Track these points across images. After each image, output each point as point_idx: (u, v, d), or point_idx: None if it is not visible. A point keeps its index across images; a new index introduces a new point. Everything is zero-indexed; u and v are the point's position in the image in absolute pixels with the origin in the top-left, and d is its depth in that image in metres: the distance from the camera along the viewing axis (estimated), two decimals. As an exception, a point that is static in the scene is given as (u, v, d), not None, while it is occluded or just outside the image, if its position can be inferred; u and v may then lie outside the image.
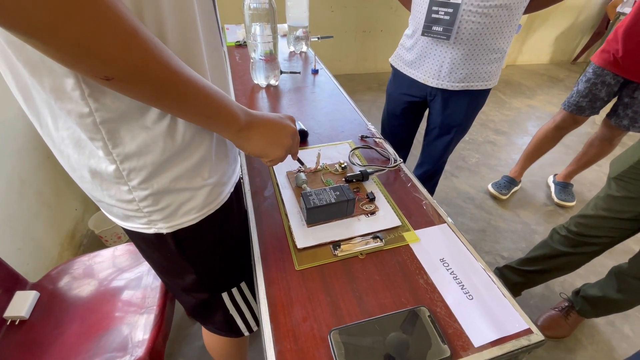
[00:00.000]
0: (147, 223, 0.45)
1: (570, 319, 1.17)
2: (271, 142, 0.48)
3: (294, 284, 0.50)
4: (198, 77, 0.35)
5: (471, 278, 0.53)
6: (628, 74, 1.32)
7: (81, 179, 0.42)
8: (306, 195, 0.58)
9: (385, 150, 0.80)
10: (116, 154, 0.37)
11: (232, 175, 0.53)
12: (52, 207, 1.28)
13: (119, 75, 0.28)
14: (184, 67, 0.33)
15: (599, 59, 1.38)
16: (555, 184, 1.89)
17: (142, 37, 0.28)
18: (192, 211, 0.46)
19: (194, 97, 0.35)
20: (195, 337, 1.13)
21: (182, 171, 0.42)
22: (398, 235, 0.59)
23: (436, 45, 0.97)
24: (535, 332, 0.47)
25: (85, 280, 0.88)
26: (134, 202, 0.42)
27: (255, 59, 1.04)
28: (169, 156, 0.40)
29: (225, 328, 0.68)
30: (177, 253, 0.50)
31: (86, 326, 0.78)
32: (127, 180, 0.40)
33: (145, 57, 0.28)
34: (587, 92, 1.45)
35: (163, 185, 0.41)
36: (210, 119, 0.39)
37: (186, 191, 0.44)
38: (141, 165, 0.39)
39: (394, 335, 0.44)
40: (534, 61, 3.84)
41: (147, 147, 0.38)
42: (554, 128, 1.65)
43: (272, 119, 0.48)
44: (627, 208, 0.88)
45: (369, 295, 0.50)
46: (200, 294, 0.61)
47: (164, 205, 0.43)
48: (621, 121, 1.43)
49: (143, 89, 0.31)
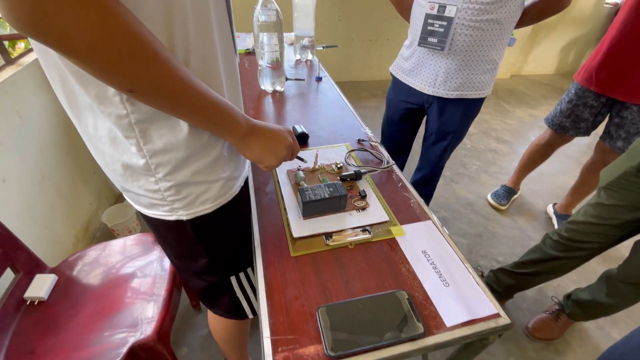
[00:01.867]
0: (169, 211, 0.52)
1: (561, 322, 1.20)
2: (268, 151, 0.53)
3: (288, 268, 0.57)
4: (208, 91, 0.41)
5: (449, 268, 0.58)
6: (614, 93, 1.29)
7: (114, 172, 0.49)
8: (303, 191, 0.65)
9: (380, 153, 0.86)
10: (146, 150, 0.44)
11: (242, 171, 0.59)
12: (69, 201, 1.36)
13: (141, 89, 0.35)
14: (196, 83, 0.39)
15: (582, 78, 1.37)
16: (557, 216, 1.77)
17: (161, 59, 0.34)
18: (208, 201, 0.53)
19: (203, 108, 0.41)
20: (198, 326, 1.20)
21: (200, 166, 0.49)
22: (386, 229, 0.65)
23: (432, 55, 1.04)
24: (502, 316, 0.52)
25: (99, 266, 0.95)
26: (159, 191, 0.49)
27: (263, 66, 1.12)
28: (190, 153, 0.46)
29: (231, 310, 0.74)
30: (193, 238, 0.57)
31: (100, 307, 0.84)
32: (155, 173, 0.46)
33: (162, 76, 0.35)
34: (569, 113, 1.45)
35: (184, 178, 0.48)
36: (217, 126, 0.45)
37: (204, 184, 0.51)
38: (167, 160, 0.45)
39: (375, 313, 0.50)
40: (539, 71, 3.87)
41: (172, 145, 0.44)
42: (544, 144, 1.64)
43: (271, 129, 0.54)
44: (615, 215, 0.92)
45: (355, 279, 0.55)
46: (211, 276, 0.67)
47: (184, 195, 0.50)
48: (615, 143, 1.38)
49: (160, 100, 0.38)
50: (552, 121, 1.54)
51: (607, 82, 1.29)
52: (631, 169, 0.87)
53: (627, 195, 0.89)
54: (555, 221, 1.76)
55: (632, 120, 1.30)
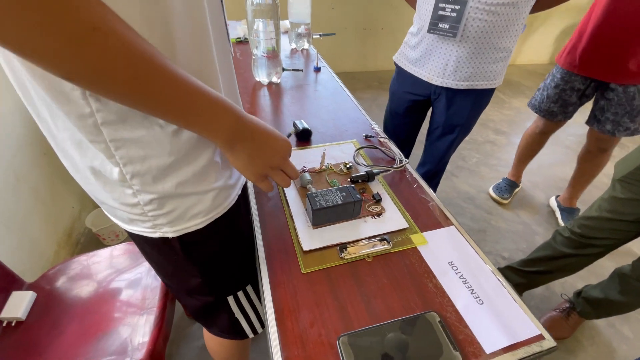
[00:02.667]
0: (152, 227, 0.43)
1: (571, 320, 1.17)
2: (250, 162, 0.41)
3: (300, 288, 0.49)
4: (183, 76, 0.30)
5: (480, 282, 0.52)
6: (599, 75, 1.27)
7: (85, 180, 0.41)
8: (312, 197, 0.57)
9: (390, 150, 0.79)
10: (119, 157, 0.35)
11: (240, 177, 0.51)
12: (48, 205, 1.26)
13: (76, 76, 0.25)
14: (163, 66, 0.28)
15: (565, 62, 1.34)
16: (560, 209, 1.73)
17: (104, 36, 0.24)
18: (199, 215, 0.44)
19: (173, 100, 0.30)
20: (194, 337, 1.12)
21: (188, 175, 0.40)
22: (405, 238, 0.58)
23: (442, 43, 0.96)
24: (547, 338, 0.46)
25: (83, 280, 0.86)
26: (139, 205, 0.40)
27: (258, 55, 1.03)
28: (175, 160, 0.38)
29: (229, 331, 0.67)
30: (183, 257, 0.49)
31: (84, 327, 0.76)
32: (131, 184, 0.38)
33: (104, 60, 0.25)
34: (556, 98, 1.42)
35: (168, 190, 0.40)
36: (195, 123, 0.34)
37: (192, 195, 0.42)
38: (145, 170, 0.37)
39: (404, 342, 0.43)
40: (534, 61, 3.84)
41: (152, 150, 0.36)
42: (538, 133, 1.61)
43: (267, 133, 0.41)
44: (632, 210, 0.87)
45: (377, 299, 0.48)
46: (206, 297, 0.59)
47: (169, 210, 0.42)
48: (604, 127, 1.35)
49: (109, 89, 0.27)
50: (540, 107, 1.50)
51: (592, 64, 1.27)
52: None
53: None
54: (559, 214, 1.72)
55: (618, 101, 1.27)
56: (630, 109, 1.26)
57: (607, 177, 2.09)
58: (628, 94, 1.24)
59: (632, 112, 1.27)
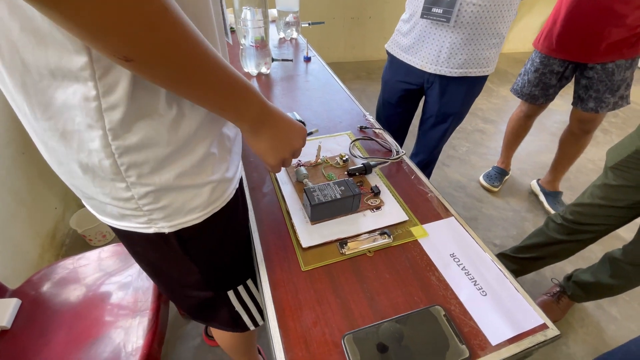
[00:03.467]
0: (146, 222, 0.41)
1: (562, 304, 1.20)
2: (273, 148, 0.45)
3: (301, 286, 0.48)
4: (223, 61, 0.32)
5: (483, 273, 0.51)
6: (577, 57, 1.31)
7: (70, 174, 0.37)
8: (310, 191, 0.55)
9: (386, 141, 0.77)
10: (115, 146, 0.33)
11: (237, 170, 0.49)
12: (30, 207, 1.20)
13: (141, 57, 0.26)
14: (210, 50, 0.30)
15: (542, 46, 1.37)
16: (545, 194, 1.75)
17: (172, 15, 0.25)
18: (197, 209, 0.42)
19: (220, 84, 0.33)
20: (189, 337, 1.10)
21: (186, 167, 0.38)
22: (406, 231, 0.57)
23: (435, 29, 0.94)
24: (550, 327, 0.46)
25: (70, 285, 0.82)
26: (132, 200, 0.38)
27: (246, 45, 0.99)
28: (173, 150, 0.36)
29: (230, 324, 0.66)
30: (180, 253, 0.47)
31: (74, 334, 0.73)
32: (126, 177, 0.36)
33: (172, 39, 0.26)
34: (537, 82, 1.45)
35: (166, 182, 0.38)
36: (230, 107, 0.37)
37: (190, 188, 0.40)
38: (143, 160, 0.35)
39: (411, 337, 0.42)
40: (519, 49, 3.87)
41: (150, 140, 0.34)
42: (523, 117, 1.64)
43: (288, 121, 0.45)
44: (624, 196, 0.88)
45: (380, 295, 0.47)
46: (205, 292, 0.57)
47: (165, 204, 0.39)
48: (587, 105, 1.38)
49: (163, 72, 0.28)
50: (522, 92, 1.54)
51: (568, 46, 1.30)
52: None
53: (637, 175, 0.86)
54: (544, 199, 1.75)
55: (599, 78, 1.31)
56: (611, 84, 1.30)
57: (590, 161, 2.14)
58: (606, 70, 1.28)
59: (613, 86, 1.31)
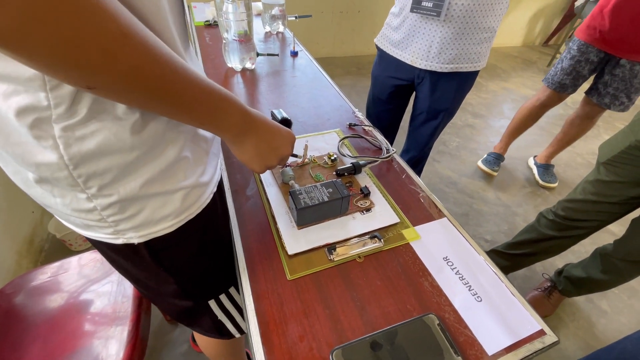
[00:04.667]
0: (113, 233, 0.37)
1: (553, 299, 1.20)
2: (259, 155, 0.44)
3: (286, 297, 0.44)
4: (197, 75, 0.30)
5: (477, 277, 0.49)
6: (613, 50, 1.32)
7: (25, 183, 0.34)
8: (295, 194, 0.52)
9: (376, 139, 0.75)
10: (69, 157, 0.29)
11: (214, 174, 0.45)
12: (4, 211, 1.14)
13: (104, 85, 0.25)
14: (181, 67, 0.28)
15: (584, 34, 1.37)
16: (537, 166, 1.90)
17: (132, 40, 0.23)
18: (168, 218, 0.39)
19: (194, 101, 0.31)
20: (176, 343, 1.06)
21: (154, 173, 0.35)
22: (397, 234, 0.54)
23: (425, 23, 0.91)
24: (548, 333, 0.44)
25: (45, 295, 0.77)
26: (95, 211, 0.34)
27: (228, 39, 0.94)
28: (139, 155, 0.32)
29: (214, 331, 0.63)
30: (153, 264, 0.43)
31: (49, 348, 0.69)
32: (85, 188, 0.32)
33: (136, 65, 0.24)
34: (571, 70, 1.46)
35: (132, 191, 0.34)
36: (204, 125, 0.35)
37: (159, 196, 0.36)
38: (103, 169, 0.31)
39: (403, 350, 0.40)
40: (507, 44, 3.88)
41: (110, 146, 0.30)
42: (539, 106, 1.66)
43: (273, 128, 0.44)
44: (616, 192, 0.88)
45: (371, 304, 0.45)
46: (184, 302, 0.54)
47: (132, 213, 0.36)
48: (603, 99, 1.44)
49: (130, 96, 0.27)
50: (552, 80, 1.55)
51: (609, 38, 1.31)
52: (636, 143, 0.82)
53: (630, 171, 0.85)
54: (536, 171, 1.89)
55: (622, 77, 1.35)
56: (630, 85, 1.34)
57: (579, 155, 2.16)
58: (633, 71, 1.31)
59: (631, 88, 1.35)
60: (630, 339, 0.68)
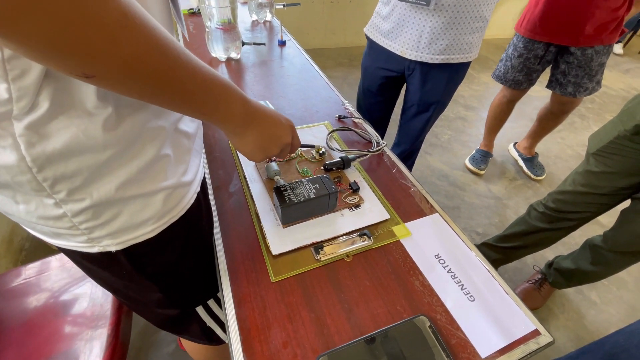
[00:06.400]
0: (87, 241, 0.34)
1: (543, 291, 1.20)
2: (259, 147, 0.41)
3: (270, 301, 0.42)
4: (198, 63, 0.28)
5: (470, 275, 0.47)
6: (558, 40, 1.30)
7: None
8: (280, 191, 0.49)
9: (366, 132, 0.72)
10: (31, 158, 0.26)
11: (198, 170, 0.42)
12: (-22, 210, 1.08)
13: (103, 73, 0.22)
14: (183, 54, 0.26)
15: (525, 30, 1.36)
16: (522, 158, 1.89)
17: (135, 24, 0.21)
18: (149, 222, 0.35)
19: (193, 90, 0.28)
20: (163, 343, 1.04)
21: (131, 173, 0.31)
22: (387, 231, 0.52)
23: (415, 13, 0.88)
24: (543, 333, 0.42)
25: (21, 297, 0.74)
26: (65, 217, 0.31)
27: (212, 28, 0.90)
28: (113, 154, 0.29)
29: (202, 338, 0.60)
30: (134, 272, 0.40)
31: (25, 353, 0.65)
32: (52, 193, 0.29)
33: (137, 52, 0.22)
34: (521, 67, 1.44)
35: (106, 194, 0.31)
36: (205, 115, 0.33)
37: (138, 198, 0.33)
38: (72, 170, 0.28)
39: (394, 354, 0.38)
40: (499, 35, 3.87)
41: (79, 144, 0.27)
42: (505, 102, 1.65)
43: (273, 118, 0.41)
44: (606, 183, 0.87)
45: (359, 306, 0.42)
46: (170, 310, 0.51)
47: (108, 218, 0.33)
48: (565, 89, 1.41)
49: (131, 85, 0.24)
50: (505, 78, 1.54)
51: (551, 29, 1.29)
52: (625, 133, 0.81)
53: (619, 161, 0.84)
54: (523, 164, 1.87)
55: (578, 63, 1.33)
56: (589, 69, 1.33)
57: (569, 147, 2.16)
58: (586, 55, 1.29)
59: (591, 72, 1.33)
60: (622, 333, 0.68)
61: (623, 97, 2.83)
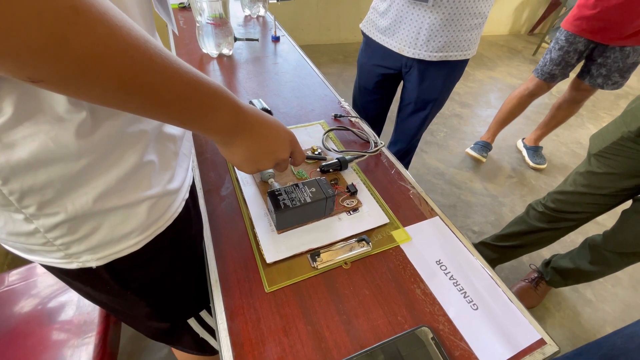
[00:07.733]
0: (64, 257, 0.31)
1: (540, 289, 1.20)
2: (249, 159, 0.37)
3: (264, 313, 0.40)
4: (177, 63, 0.24)
5: (473, 282, 0.46)
6: (602, 38, 1.33)
7: None
8: (274, 195, 0.47)
9: (363, 132, 0.70)
10: None
11: (186, 176, 0.39)
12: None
13: (51, 78, 0.19)
14: (157, 52, 0.22)
15: (571, 25, 1.38)
16: (526, 148, 1.96)
17: (89, 20, 0.18)
18: (132, 235, 0.33)
19: (170, 96, 0.25)
20: (155, 348, 1.01)
21: (110, 183, 0.29)
22: (386, 236, 0.50)
23: (413, 9, 0.86)
24: (549, 342, 0.41)
25: (3, 306, 0.70)
26: (38, 233, 0.28)
27: (202, 23, 0.87)
28: (89, 162, 0.26)
29: (195, 349, 0.58)
30: (118, 287, 0.37)
31: (6, 365, 0.62)
32: (21, 207, 0.26)
33: (92, 54, 0.19)
34: (560, 60, 1.47)
35: (82, 207, 0.28)
36: (187, 125, 0.29)
37: (119, 210, 0.31)
38: (42, 182, 0.25)
39: (394, 370, 0.36)
40: (493, 32, 3.86)
41: (50, 152, 0.24)
42: (527, 95, 1.68)
43: (270, 126, 0.37)
44: (608, 184, 0.86)
45: (358, 317, 0.40)
46: (160, 323, 0.49)
47: (86, 233, 0.30)
48: (595, 80, 1.46)
49: (91, 93, 0.21)
50: (542, 70, 1.57)
51: (597, 28, 1.31)
52: (629, 134, 0.80)
53: (622, 162, 0.83)
54: (526, 153, 1.95)
55: (614, 59, 1.37)
56: (623, 65, 1.37)
57: (563, 144, 2.17)
58: (624, 52, 1.33)
59: (624, 68, 1.38)
60: (619, 335, 0.67)
61: (616, 94, 2.85)
